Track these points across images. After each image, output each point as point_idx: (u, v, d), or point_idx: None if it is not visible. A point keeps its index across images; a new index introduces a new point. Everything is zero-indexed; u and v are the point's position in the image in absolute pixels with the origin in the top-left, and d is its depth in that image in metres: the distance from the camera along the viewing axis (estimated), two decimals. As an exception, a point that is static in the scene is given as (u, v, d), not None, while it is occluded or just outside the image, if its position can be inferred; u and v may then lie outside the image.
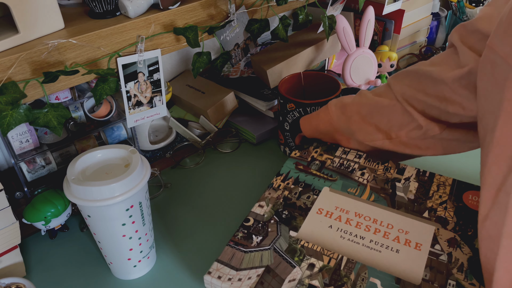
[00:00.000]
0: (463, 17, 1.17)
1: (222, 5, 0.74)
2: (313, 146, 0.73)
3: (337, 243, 0.56)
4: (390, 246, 0.55)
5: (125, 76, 0.67)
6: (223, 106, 0.92)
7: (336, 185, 0.65)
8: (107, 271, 0.65)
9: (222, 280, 0.52)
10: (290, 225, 0.59)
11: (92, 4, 0.66)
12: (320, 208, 0.61)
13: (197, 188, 0.80)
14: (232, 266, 0.54)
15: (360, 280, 0.51)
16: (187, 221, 0.73)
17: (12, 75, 0.57)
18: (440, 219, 0.58)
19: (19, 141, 0.68)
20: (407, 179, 0.65)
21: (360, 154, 0.70)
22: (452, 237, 0.55)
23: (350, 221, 0.59)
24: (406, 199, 0.62)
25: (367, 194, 0.63)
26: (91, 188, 0.54)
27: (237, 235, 0.58)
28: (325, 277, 0.52)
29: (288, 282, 0.51)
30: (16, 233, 0.62)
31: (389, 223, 0.58)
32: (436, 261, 0.53)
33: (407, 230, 0.57)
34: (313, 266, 0.53)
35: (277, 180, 0.66)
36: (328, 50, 0.97)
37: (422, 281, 0.51)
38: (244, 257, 0.55)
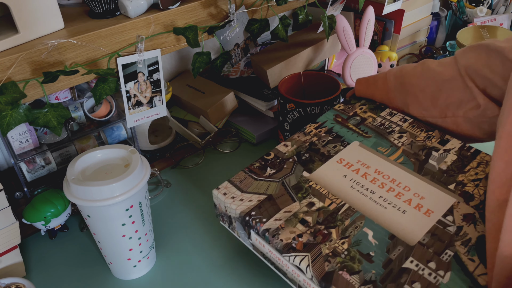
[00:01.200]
0: (463, 17, 1.17)
1: (222, 5, 0.74)
2: (360, 102, 0.71)
3: (344, 191, 0.56)
4: (398, 205, 0.54)
5: (125, 76, 0.67)
6: (223, 106, 0.92)
7: (368, 142, 0.63)
8: (107, 271, 0.65)
9: (226, 197, 0.57)
10: (306, 166, 0.60)
11: (92, 4, 0.66)
12: (342, 158, 0.61)
13: (197, 188, 0.80)
14: (239, 188, 0.58)
15: (353, 227, 0.51)
16: (187, 221, 0.73)
17: (12, 75, 0.57)
18: (465, 194, 0.55)
19: (19, 141, 0.68)
20: (446, 150, 0.61)
21: (407, 119, 0.67)
22: (471, 213, 0.52)
23: (367, 175, 0.58)
24: (437, 168, 0.59)
25: (396, 156, 0.61)
26: (91, 188, 0.54)
27: (254, 164, 0.61)
28: (320, 216, 0.53)
29: (283, 212, 0.54)
30: (16, 233, 0.62)
31: (406, 185, 0.57)
32: (441, 230, 0.51)
33: (423, 196, 0.55)
34: (313, 204, 0.55)
35: (310, 126, 0.67)
36: (328, 50, 0.97)
37: (417, 244, 0.49)
38: (253, 183, 0.58)
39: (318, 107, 0.78)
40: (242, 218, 0.55)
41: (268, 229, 0.52)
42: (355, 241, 0.50)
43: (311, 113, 0.78)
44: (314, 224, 0.52)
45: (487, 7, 1.14)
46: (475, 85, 0.61)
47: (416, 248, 0.49)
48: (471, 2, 1.17)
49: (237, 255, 0.66)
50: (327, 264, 0.48)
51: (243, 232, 0.56)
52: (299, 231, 0.51)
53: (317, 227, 0.52)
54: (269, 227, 0.52)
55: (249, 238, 0.56)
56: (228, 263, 0.65)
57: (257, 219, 0.53)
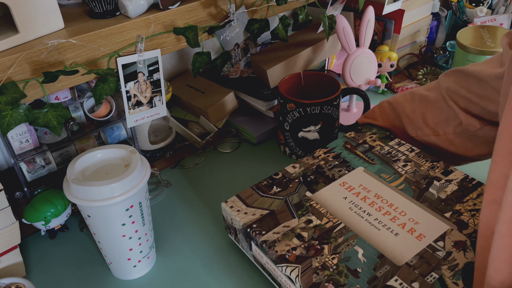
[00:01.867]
0: (463, 17, 1.17)
1: (222, 5, 0.74)
2: (371, 131, 0.74)
3: (342, 212, 0.59)
4: (392, 228, 0.56)
5: (125, 76, 0.67)
6: (223, 106, 0.92)
7: (373, 168, 0.66)
8: (107, 271, 0.65)
9: (232, 210, 0.61)
10: (310, 187, 0.64)
11: (92, 4, 0.66)
12: (345, 181, 0.64)
13: (197, 188, 0.80)
14: (245, 202, 0.62)
15: (344, 245, 0.54)
16: (187, 221, 0.73)
17: (12, 75, 0.57)
18: (460, 222, 0.57)
19: (19, 141, 0.68)
20: (448, 181, 0.63)
21: (414, 149, 0.69)
22: (463, 240, 0.54)
23: (366, 199, 0.61)
24: (436, 196, 0.61)
25: (398, 182, 0.63)
26: (91, 188, 0.54)
27: (262, 182, 0.65)
28: (316, 232, 0.56)
29: (282, 226, 0.58)
30: (16, 233, 0.62)
31: (403, 210, 0.59)
32: (430, 254, 0.53)
33: (418, 221, 0.57)
34: (310, 221, 0.58)
35: (320, 151, 0.70)
36: (328, 50, 0.97)
37: (404, 264, 0.51)
38: (258, 199, 0.63)
39: (318, 107, 0.78)
40: (245, 230, 0.59)
41: (266, 241, 0.56)
42: (345, 257, 0.53)
43: (311, 113, 0.78)
44: (309, 239, 0.55)
45: (487, 7, 1.14)
46: (456, 104, 0.66)
47: (403, 269, 0.51)
48: (471, 2, 1.17)
49: (237, 255, 0.67)
50: (315, 276, 0.51)
51: (246, 243, 0.61)
52: (294, 244, 0.55)
53: (311, 242, 0.55)
54: (267, 239, 0.56)
55: (250, 249, 0.60)
56: (228, 263, 0.65)
57: (257, 231, 0.57)
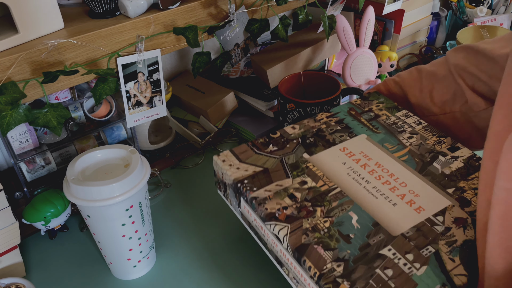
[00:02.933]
0: (463, 17, 1.17)
1: (222, 5, 0.74)
2: (378, 100, 0.71)
3: (339, 176, 0.57)
4: (390, 197, 0.54)
5: (125, 76, 0.67)
6: (223, 106, 0.92)
7: (376, 137, 0.63)
8: (106, 271, 0.65)
9: (224, 164, 0.59)
10: (308, 149, 0.61)
11: (91, 4, 0.66)
12: (345, 147, 0.62)
13: (197, 188, 0.80)
14: (239, 158, 0.60)
15: (338, 209, 0.52)
16: (187, 221, 0.73)
17: (12, 75, 0.57)
18: (463, 199, 0.54)
19: (19, 141, 0.68)
20: (454, 157, 0.60)
21: (421, 122, 0.66)
22: (464, 217, 0.52)
23: (366, 166, 0.59)
24: (440, 171, 0.58)
25: (401, 153, 0.61)
26: (91, 188, 0.54)
27: (258, 139, 0.63)
28: (310, 194, 0.54)
29: (275, 185, 0.55)
30: (16, 233, 0.62)
31: (404, 181, 0.56)
32: (428, 227, 0.50)
33: (418, 194, 0.54)
34: (305, 183, 0.56)
35: (322, 114, 0.68)
36: (328, 50, 0.97)
37: (399, 235, 0.49)
38: (252, 156, 0.60)
39: (318, 107, 0.78)
40: (235, 185, 0.56)
41: (256, 197, 0.54)
42: (338, 222, 0.51)
43: (311, 113, 0.78)
44: (302, 200, 0.53)
45: (487, 7, 1.14)
46: (464, 81, 0.65)
47: (398, 239, 0.49)
48: (471, 2, 1.17)
49: (237, 255, 0.67)
50: (305, 237, 0.49)
51: (234, 200, 0.58)
52: (285, 203, 0.53)
53: (304, 203, 0.53)
54: (257, 195, 0.54)
55: (239, 206, 0.58)
56: (228, 263, 0.65)
57: (248, 187, 0.55)
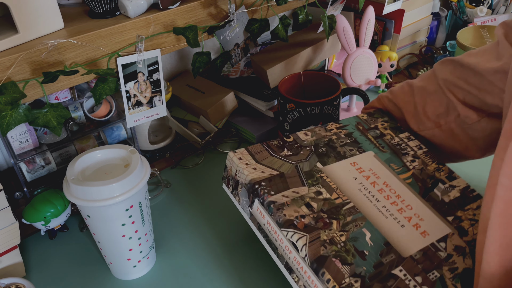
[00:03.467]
0: (463, 17, 1.17)
1: (222, 4, 0.74)
2: (383, 119, 0.73)
3: (352, 191, 0.58)
4: (399, 219, 0.56)
5: (125, 76, 0.67)
6: (223, 106, 0.92)
7: (383, 156, 0.66)
8: (106, 271, 0.65)
9: (240, 161, 0.58)
10: (321, 159, 0.62)
11: (91, 4, 0.66)
12: (356, 162, 0.63)
13: (197, 188, 0.80)
14: (255, 158, 0.60)
15: (353, 224, 0.53)
16: (187, 221, 0.73)
17: (12, 75, 0.57)
18: (461, 228, 0.57)
19: (19, 141, 0.68)
20: (452, 186, 0.64)
21: (422, 147, 0.69)
22: (463, 246, 0.55)
23: (376, 184, 0.60)
24: (440, 198, 0.61)
25: (406, 176, 0.63)
26: (91, 188, 0.54)
27: (273, 141, 0.63)
28: (325, 205, 0.55)
29: (291, 191, 0.55)
30: (16, 233, 0.62)
31: (409, 204, 0.59)
32: (433, 252, 0.53)
33: (423, 218, 0.57)
34: (320, 193, 0.56)
35: (332, 125, 0.69)
36: (328, 50, 0.97)
37: (408, 257, 0.51)
38: (268, 158, 0.60)
39: (318, 107, 0.77)
40: (251, 186, 0.56)
41: (274, 202, 0.54)
42: (353, 237, 0.52)
43: (311, 113, 0.78)
44: (318, 211, 0.54)
45: (487, 7, 1.14)
46: (454, 96, 0.65)
47: (407, 260, 0.51)
48: (471, 2, 1.17)
49: (237, 254, 0.66)
50: (323, 249, 0.50)
51: (246, 199, 0.58)
52: (303, 212, 0.53)
53: (320, 214, 0.53)
54: (276, 200, 0.54)
55: (250, 206, 0.57)
56: (229, 263, 0.65)
57: (266, 190, 0.55)
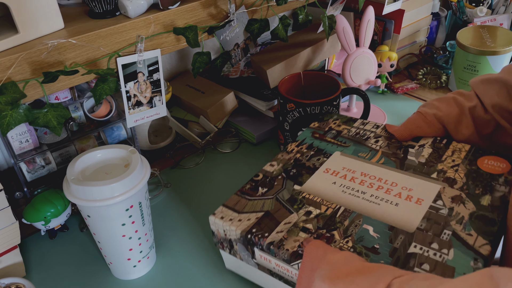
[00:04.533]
0: (463, 17, 1.17)
1: (222, 5, 0.74)
2: (332, 118, 0.75)
3: (337, 196, 0.58)
4: (390, 200, 0.57)
5: (125, 76, 0.67)
6: (223, 106, 0.92)
7: (348, 150, 0.67)
8: (106, 271, 0.65)
9: (224, 220, 0.56)
10: (296, 181, 0.62)
11: (91, 4, 0.66)
12: (328, 168, 0.64)
13: (197, 188, 0.80)
14: (235, 210, 0.58)
15: (353, 226, 0.53)
16: (187, 221, 0.73)
17: (12, 75, 0.57)
18: (448, 179, 0.59)
19: (19, 141, 0.68)
20: (421, 146, 0.65)
21: (378, 125, 0.71)
22: (458, 194, 0.56)
23: (355, 179, 0.61)
24: (417, 162, 0.62)
25: (377, 158, 0.64)
26: (91, 188, 0.54)
27: (245, 186, 0.62)
28: (320, 222, 0.55)
29: (283, 224, 0.55)
30: (16, 233, 0.62)
31: (393, 181, 0.60)
32: (435, 214, 0.54)
33: (411, 188, 0.58)
34: (310, 213, 0.56)
35: (292, 145, 0.69)
36: (328, 50, 0.97)
37: (416, 230, 0.52)
38: (248, 204, 0.59)
39: (318, 107, 0.78)
40: (244, 237, 0.54)
41: (272, 242, 0.53)
42: (358, 238, 0.52)
43: (311, 113, 0.78)
44: (316, 230, 0.53)
45: (487, 7, 1.14)
46: (506, 121, 0.62)
47: (416, 234, 0.51)
48: (471, 2, 1.17)
49: (237, 255, 0.67)
50: None
51: (246, 253, 0.56)
52: (302, 238, 0.52)
53: (319, 232, 0.53)
54: (272, 240, 0.53)
55: (253, 257, 0.56)
56: (228, 263, 0.65)
57: (259, 235, 0.54)
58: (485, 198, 0.55)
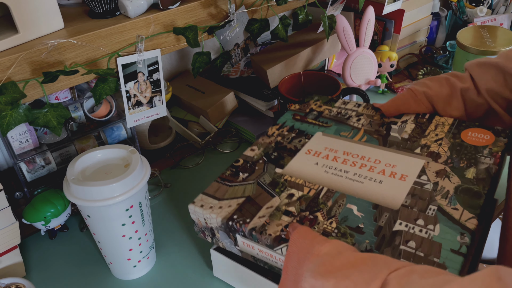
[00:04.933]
0: (463, 17, 1.17)
1: (222, 4, 0.74)
2: (313, 99, 0.74)
3: (320, 177, 0.57)
4: (374, 177, 0.56)
5: (125, 76, 0.67)
6: (223, 106, 0.92)
7: (330, 130, 0.66)
8: (107, 271, 0.65)
9: (203, 208, 0.55)
10: (277, 164, 0.61)
11: (91, 4, 0.66)
12: (309, 149, 0.62)
13: (197, 188, 0.80)
14: (215, 197, 0.56)
15: (336, 206, 0.52)
16: (187, 221, 0.73)
17: (12, 75, 0.57)
18: (432, 154, 0.58)
19: (19, 141, 0.68)
20: (404, 122, 0.65)
21: (360, 104, 0.70)
22: (442, 168, 0.55)
23: (337, 159, 0.60)
24: (400, 138, 0.62)
25: (359, 136, 0.63)
26: (91, 188, 0.54)
27: (225, 173, 0.60)
28: (302, 204, 0.53)
29: (265, 209, 0.53)
30: (16, 233, 0.62)
31: (376, 158, 0.59)
32: (419, 189, 0.53)
33: (395, 164, 0.57)
34: (292, 196, 0.55)
35: (272, 128, 0.68)
36: (328, 50, 0.97)
37: (401, 207, 0.51)
38: (228, 190, 0.57)
39: (318, 107, 0.77)
40: (225, 224, 0.53)
41: (254, 228, 0.51)
42: (342, 218, 0.51)
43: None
44: (299, 213, 0.52)
45: (487, 7, 1.14)
46: (499, 106, 0.62)
47: (401, 211, 0.50)
48: (471, 2, 1.17)
49: (237, 255, 0.66)
50: None
51: (228, 240, 0.55)
52: (285, 222, 0.51)
53: (302, 214, 0.52)
54: (254, 225, 0.51)
55: (235, 244, 0.55)
56: (228, 263, 0.65)
57: (241, 221, 0.52)
58: (469, 171, 0.54)
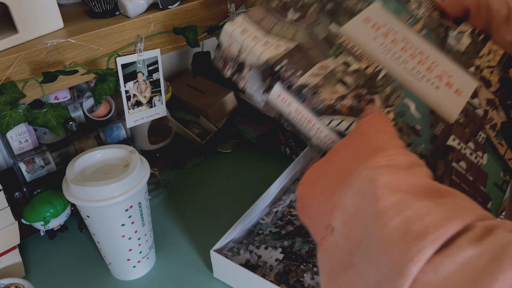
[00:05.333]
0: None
1: (222, 4, 0.74)
2: None
3: (378, 56, 0.50)
4: (432, 80, 0.50)
5: (125, 76, 0.67)
6: (223, 106, 0.92)
7: (390, 6, 0.57)
8: (106, 272, 0.65)
9: (246, 35, 0.45)
10: (332, 18, 0.51)
11: (91, 3, 0.66)
12: (368, 17, 0.53)
13: (197, 188, 0.80)
14: (261, 27, 0.46)
15: (394, 96, 0.46)
16: (186, 221, 0.73)
17: (11, 75, 0.57)
18: (484, 79, 0.54)
19: (18, 141, 0.68)
20: (461, 32, 0.59)
21: None
22: (492, 98, 0.52)
23: (397, 42, 0.52)
24: (456, 48, 0.56)
25: (419, 27, 0.57)
26: (91, 188, 0.53)
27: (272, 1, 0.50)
28: (360, 79, 0.46)
29: (319, 68, 0.45)
30: (15, 234, 0.61)
31: (434, 60, 0.53)
32: (472, 111, 0.49)
33: (451, 74, 0.52)
34: (348, 65, 0.47)
35: None
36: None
37: (455, 123, 0.47)
38: (276, 25, 0.47)
39: (318, 107, 0.77)
40: (269, 67, 0.44)
41: (305, 85, 0.43)
42: (400, 112, 0.45)
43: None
44: (355, 87, 0.45)
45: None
46: None
47: (455, 127, 0.47)
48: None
49: (237, 255, 0.66)
50: None
51: (258, 84, 0.46)
52: (340, 92, 0.44)
53: (359, 91, 0.45)
54: (306, 82, 0.43)
55: (266, 92, 0.45)
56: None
57: (291, 71, 0.43)
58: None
